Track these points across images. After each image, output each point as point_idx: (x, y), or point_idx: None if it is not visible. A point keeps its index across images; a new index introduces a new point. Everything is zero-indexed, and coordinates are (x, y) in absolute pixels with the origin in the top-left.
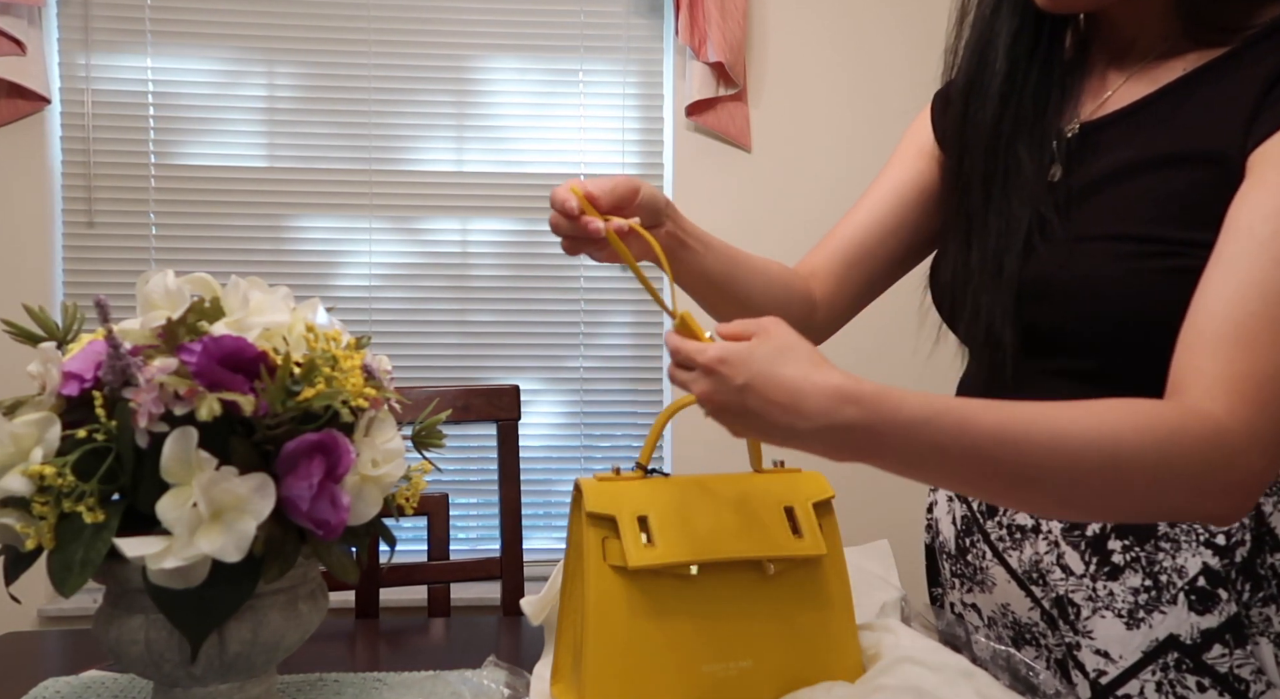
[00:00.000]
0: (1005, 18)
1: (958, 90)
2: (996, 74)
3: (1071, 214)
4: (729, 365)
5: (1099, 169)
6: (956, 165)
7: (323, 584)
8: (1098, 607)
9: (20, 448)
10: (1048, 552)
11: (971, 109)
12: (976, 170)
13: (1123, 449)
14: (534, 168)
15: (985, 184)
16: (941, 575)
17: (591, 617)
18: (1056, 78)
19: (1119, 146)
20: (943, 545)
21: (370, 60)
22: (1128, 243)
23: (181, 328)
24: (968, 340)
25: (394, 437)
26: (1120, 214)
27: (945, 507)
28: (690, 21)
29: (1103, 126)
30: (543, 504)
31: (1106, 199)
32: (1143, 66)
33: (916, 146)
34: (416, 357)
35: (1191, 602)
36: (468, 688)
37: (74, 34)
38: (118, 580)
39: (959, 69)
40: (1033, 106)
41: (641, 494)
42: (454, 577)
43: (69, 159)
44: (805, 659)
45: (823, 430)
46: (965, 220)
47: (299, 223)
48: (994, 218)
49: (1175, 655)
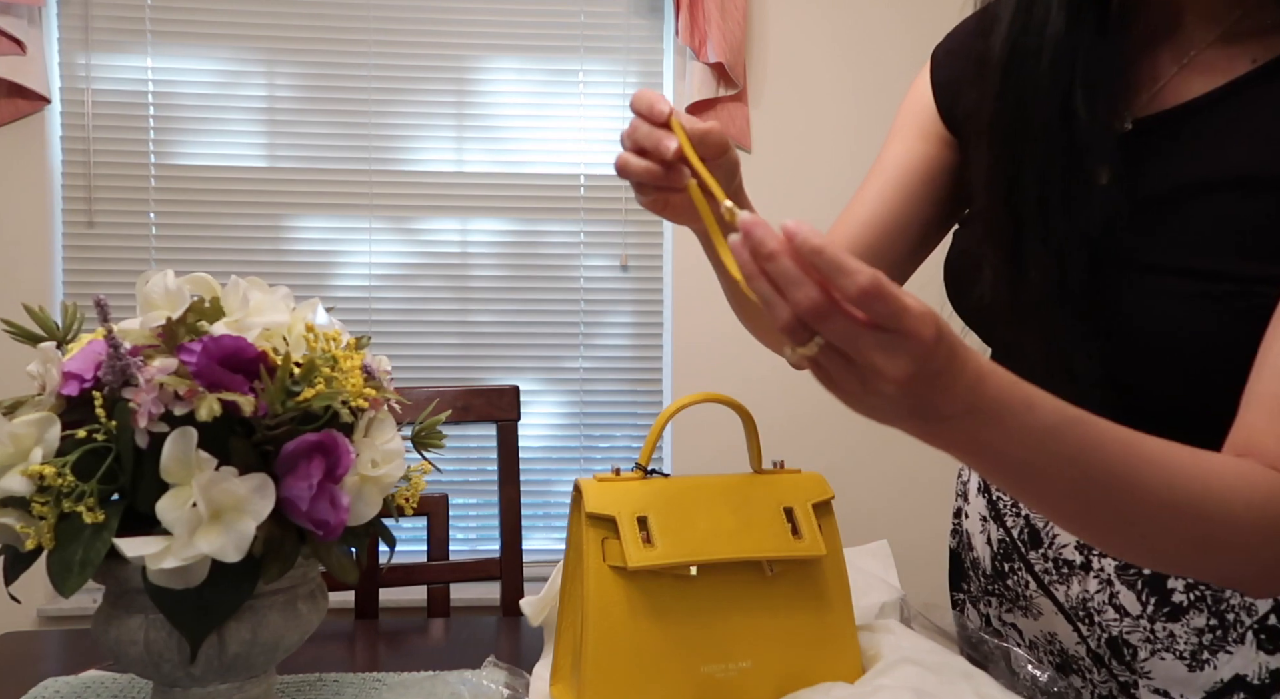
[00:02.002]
0: None
1: (991, 65)
2: (1049, 44)
3: (1130, 234)
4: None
5: (1161, 182)
6: (992, 157)
7: (322, 584)
8: (1156, 648)
9: (20, 448)
10: (1099, 590)
11: (1013, 89)
12: (1029, 167)
13: (1231, 516)
14: (534, 168)
15: (1041, 185)
16: (969, 584)
17: (591, 617)
18: (1111, 57)
19: (1180, 156)
20: (975, 561)
21: (370, 60)
22: (1199, 280)
23: (181, 328)
24: (1028, 373)
25: (394, 437)
26: (1190, 243)
27: (978, 524)
28: (690, 22)
29: (1159, 126)
30: (542, 504)
31: (1174, 220)
32: (1199, 52)
33: (918, 127)
34: (416, 357)
35: (1261, 640)
36: (467, 688)
37: (74, 34)
38: (117, 580)
39: (994, 36)
40: (1094, 90)
41: (641, 494)
42: (453, 577)
43: (69, 159)
44: (805, 659)
45: (952, 418)
46: (1012, 226)
47: (299, 223)
48: (1053, 230)
49: (1241, 696)
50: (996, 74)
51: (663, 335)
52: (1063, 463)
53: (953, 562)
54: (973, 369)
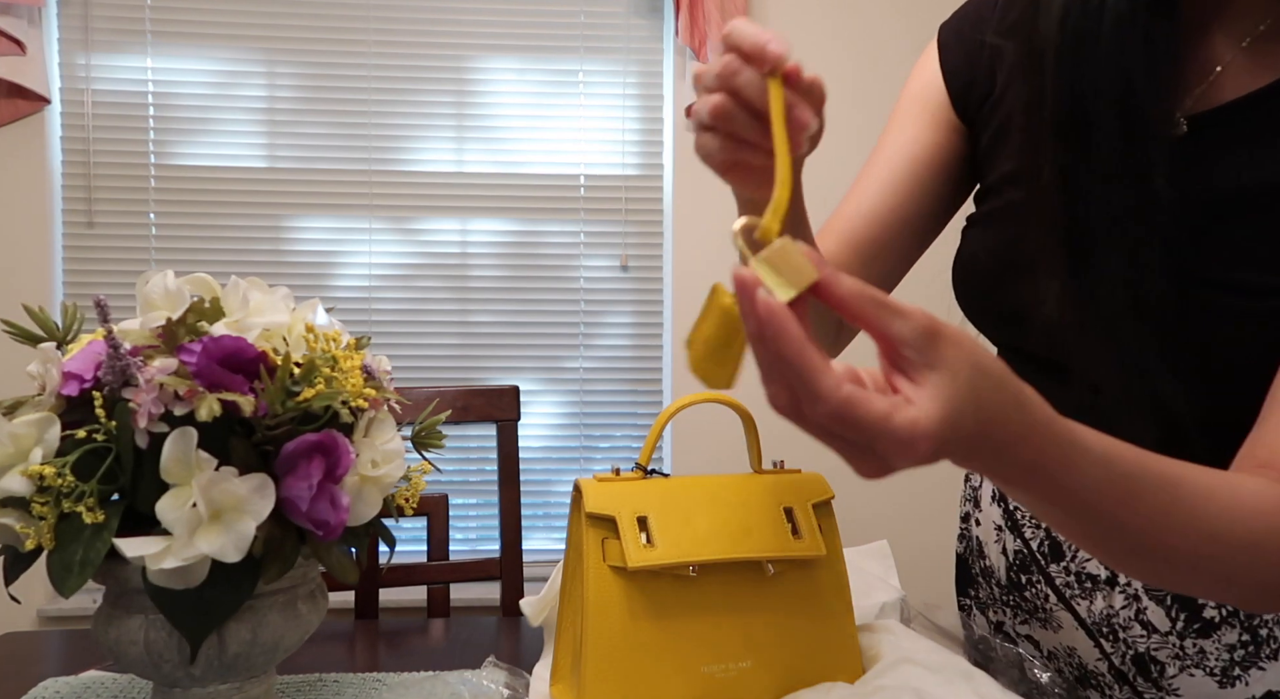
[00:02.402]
0: None
1: (1042, 52)
2: (1109, 28)
3: (1189, 245)
4: (964, 418)
5: (1211, 185)
6: (1048, 156)
7: (322, 585)
8: (1186, 665)
9: (20, 448)
10: (1125, 606)
11: (1071, 80)
12: (1094, 167)
13: (1263, 548)
14: (533, 168)
15: (1107, 187)
16: (977, 590)
17: (591, 617)
18: (1174, 42)
19: (1232, 159)
20: (988, 569)
21: (370, 60)
22: (1245, 296)
23: (181, 328)
24: (1081, 388)
25: (393, 437)
26: (1235, 255)
27: (992, 533)
28: (690, 22)
29: (1214, 123)
30: (542, 504)
31: (1219, 229)
32: (1253, 41)
33: (928, 114)
34: (416, 357)
35: None
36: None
37: (74, 34)
38: (117, 581)
39: (1042, 18)
40: (1157, 82)
41: (641, 495)
42: (453, 577)
43: (69, 159)
44: (805, 660)
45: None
46: (1076, 235)
47: (299, 223)
48: (1127, 238)
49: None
50: (1051, 63)
51: (663, 335)
52: (1110, 503)
53: (960, 567)
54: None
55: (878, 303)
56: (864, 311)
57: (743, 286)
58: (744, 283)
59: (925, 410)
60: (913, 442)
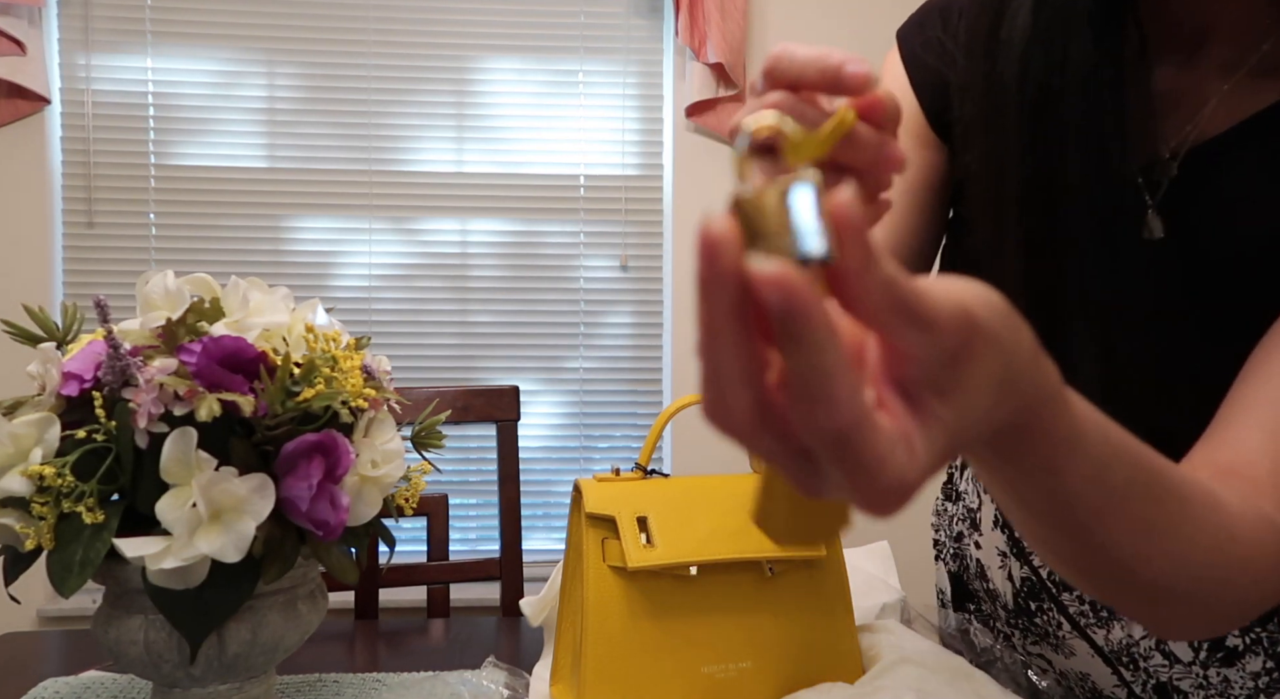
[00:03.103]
0: None
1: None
2: (1075, 77)
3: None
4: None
5: (1207, 234)
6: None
7: (322, 585)
8: (1210, 694)
9: (20, 448)
10: (1145, 635)
11: (1037, 136)
12: (1064, 245)
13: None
14: (533, 168)
15: (1082, 253)
16: (977, 604)
17: (591, 617)
18: (1146, 91)
19: (1232, 193)
20: (991, 592)
21: (370, 60)
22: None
23: (181, 328)
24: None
25: (393, 437)
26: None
27: (995, 559)
28: (690, 22)
29: (1208, 158)
30: (542, 505)
31: (1220, 295)
32: (1232, 86)
33: (907, 132)
34: (416, 357)
35: None
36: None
37: (74, 34)
38: (117, 581)
39: (1002, 58)
40: (1130, 133)
41: (641, 495)
42: (453, 577)
43: (69, 159)
44: (805, 660)
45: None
46: (1044, 311)
47: (298, 223)
48: (1091, 321)
49: None
50: (1013, 121)
51: (663, 335)
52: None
53: (955, 582)
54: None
55: (902, 309)
56: (883, 322)
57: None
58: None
59: (920, 463)
60: (886, 500)
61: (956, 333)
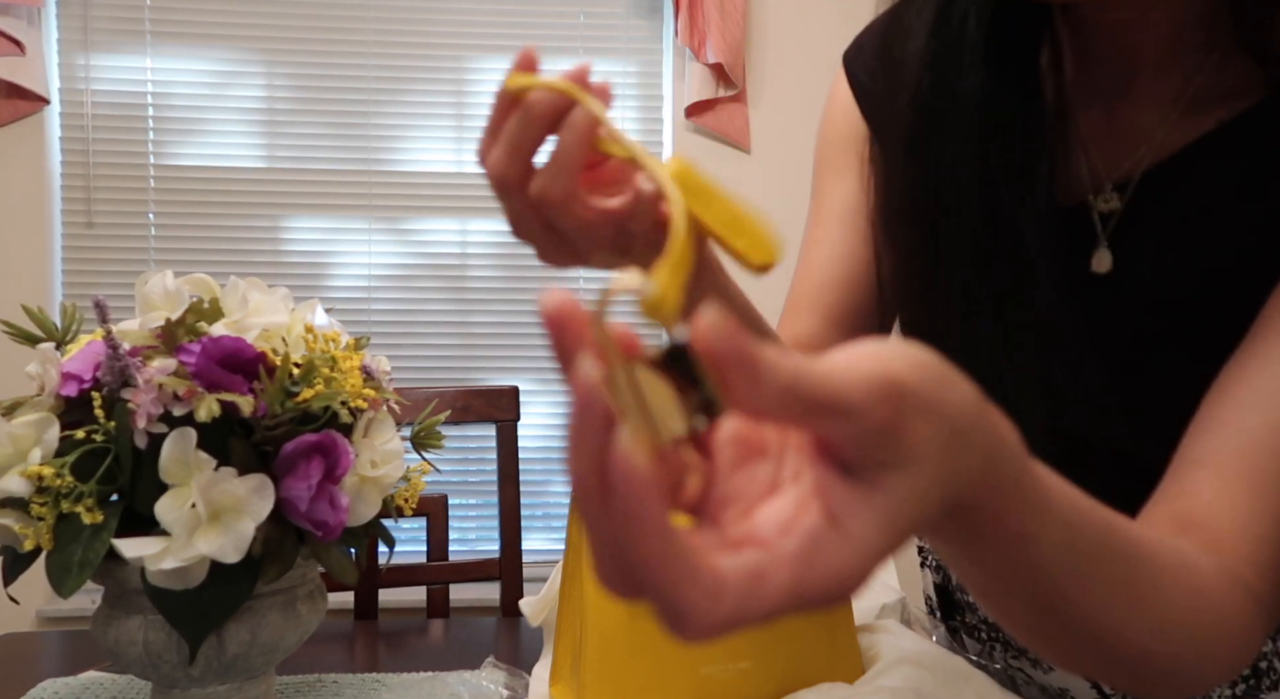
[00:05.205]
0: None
1: (894, 128)
2: (963, 106)
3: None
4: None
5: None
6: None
7: (321, 585)
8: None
9: (19, 448)
10: None
11: (920, 166)
12: (946, 290)
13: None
14: None
15: (966, 311)
16: (965, 615)
17: (590, 618)
18: (1043, 126)
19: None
20: (974, 605)
21: (368, 60)
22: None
23: (180, 328)
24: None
25: (393, 437)
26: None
27: None
28: (690, 22)
29: (1150, 191)
30: (542, 505)
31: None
32: (1179, 107)
33: (857, 155)
34: (415, 357)
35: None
36: (467, 689)
37: (74, 34)
38: (116, 581)
39: (898, 93)
40: (1022, 172)
41: None
42: (453, 578)
43: (68, 159)
44: (804, 660)
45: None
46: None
47: (298, 223)
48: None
49: None
50: (898, 149)
51: (662, 335)
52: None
53: (941, 594)
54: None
55: (813, 407)
56: (801, 423)
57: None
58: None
59: (864, 542)
60: (829, 594)
61: (883, 406)
